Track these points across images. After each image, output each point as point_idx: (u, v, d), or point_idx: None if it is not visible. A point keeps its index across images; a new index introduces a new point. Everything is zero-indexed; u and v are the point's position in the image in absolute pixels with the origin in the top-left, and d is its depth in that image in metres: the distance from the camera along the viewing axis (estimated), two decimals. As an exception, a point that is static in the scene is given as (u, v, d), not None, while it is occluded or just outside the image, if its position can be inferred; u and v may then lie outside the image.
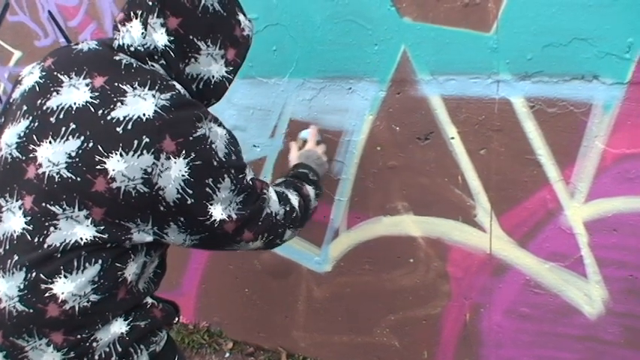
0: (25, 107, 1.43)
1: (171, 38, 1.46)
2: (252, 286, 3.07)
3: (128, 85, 1.37)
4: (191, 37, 1.48)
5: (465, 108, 2.23)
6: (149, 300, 1.51)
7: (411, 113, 2.34)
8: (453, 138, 2.29)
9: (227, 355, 3.20)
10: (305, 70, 2.47)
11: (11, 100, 1.51)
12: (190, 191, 1.37)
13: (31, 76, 1.49)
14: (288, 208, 1.69)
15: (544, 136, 2.13)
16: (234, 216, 1.47)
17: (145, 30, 1.45)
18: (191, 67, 1.52)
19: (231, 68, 1.61)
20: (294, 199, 1.76)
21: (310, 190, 1.90)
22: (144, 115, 1.33)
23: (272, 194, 1.64)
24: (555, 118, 2.10)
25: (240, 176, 1.48)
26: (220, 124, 1.46)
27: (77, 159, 1.32)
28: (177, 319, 1.62)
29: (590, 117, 2.05)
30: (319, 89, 2.47)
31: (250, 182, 1.53)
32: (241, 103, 2.66)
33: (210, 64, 1.54)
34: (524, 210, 2.27)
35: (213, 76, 1.57)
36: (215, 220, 1.43)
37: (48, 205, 1.33)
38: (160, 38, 1.45)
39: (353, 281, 2.76)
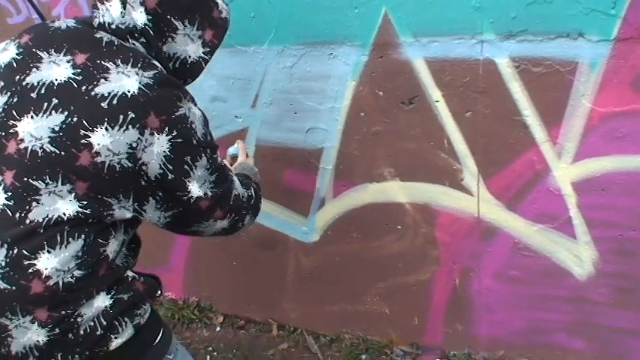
0: (1, 83, 1.42)
1: (150, 17, 1.47)
2: (239, 259, 3.04)
3: (111, 63, 1.38)
4: (169, 16, 1.50)
5: (449, 70, 2.19)
6: (130, 273, 1.51)
7: (395, 77, 2.29)
8: (437, 101, 2.25)
9: (218, 329, 3.18)
10: (284, 37, 2.41)
11: None
12: (170, 167, 1.39)
13: (6, 52, 1.47)
14: (250, 193, 1.74)
15: (530, 97, 2.10)
16: (209, 193, 1.50)
17: (124, 9, 1.46)
18: (168, 46, 1.53)
19: (208, 49, 1.63)
20: (252, 187, 1.80)
21: (256, 187, 1.91)
22: (129, 91, 1.34)
23: (235, 178, 1.68)
24: (541, 77, 2.06)
25: (214, 156, 1.52)
26: (196, 104, 1.48)
27: (61, 133, 1.32)
28: (159, 291, 1.62)
29: (576, 75, 2.01)
30: (300, 56, 2.41)
31: (221, 163, 1.57)
32: (221, 73, 2.60)
33: (186, 44, 1.55)
34: (512, 172, 2.24)
35: (189, 56, 1.58)
36: (192, 196, 1.46)
37: (30, 180, 1.32)
38: (139, 17, 1.46)
39: (341, 250, 2.74)
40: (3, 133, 1.36)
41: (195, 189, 1.46)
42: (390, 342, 2.80)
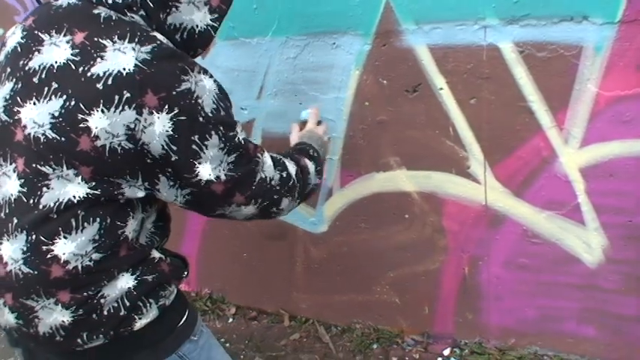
0: (8, 69, 1.40)
1: None
2: (250, 251, 3.04)
3: (108, 40, 1.30)
4: None
5: (452, 57, 2.16)
6: (156, 254, 1.49)
7: (398, 65, 2.27)
8: (441, 89, 2.23)
9: (230, 320, 3.20)
10: (287, 28, 2.40)
11: None
12: (175, 148, 1.31)
13: (14, 36, 1.44)
14: (284, 175, 1.58)
15: (535, 82, 2.07)
16: (223, 177, 1.39)
17: None
18: (173, 17, 1.44)
19: (216, 15, 1.51)
20: (292, 168, 1.64)
21: (309, 164, 1.77)
22: (124, 69, 1.26)
23: (267, 158, 1.54)
24: (545, 62, 2.03)
25: (231, 134, 1.39)
26: (210, 76, 1.37)
27: (60, 119, 1.28)
28: (186, 273, 1.59)
29: (581, 59, 1.98)
30: (303, 46, 2.40)
31: (242, 142, 1.43)
32: (225, 66, 2.59)
33: (192, 13, 1.46)
34: (518, 159, 2.22)
35: (197, 25, 1.48)
36: (201, 179, 1.36)
37: (38, 166, 1.31)
38: None
39: (350, 240, 2.73)
40: (11, 120, 1.35)
41: (205, 171, 1.36)
42: (400, 331, 2.80)
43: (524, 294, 2.42)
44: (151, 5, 1.39)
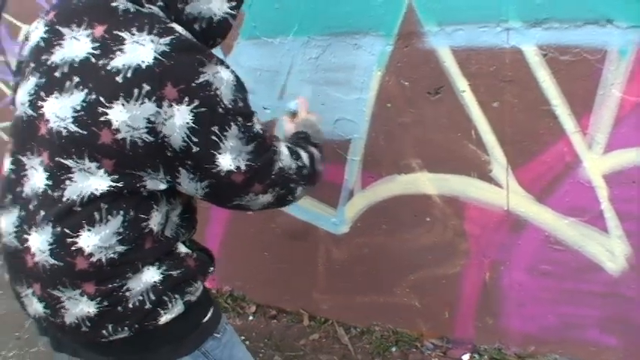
0: (32, 64, 1.42)
1: None
2: (271, 250, 3.05)
3: (127, 32, 1.31)
4: None
5: (475, 59, 2.14)
6: (182, 249, 1.49)
7: (420, 67, 2.25)
8: (464, 91, 2.21)
9: (250, 318, 3.21)
10: (309, 28, 2.40)
11: (22, 58, 1.50)
12: (196, 139, 1.32)
13: (37, 31, 1.46)
14: (300, 164, 1.61)
15: (558, 86, 2.04)
16: (243, 167, 1.40)
17: None
18: (191, 7, 1.45)
19: (234, 3, 1.52)
20: (304, 155, 1.67)
21: (315, 151, 1.78)
22: (143, 62, 1.27)
23: (283, 148, 1.55)
24: (569, 66, 1.99)
25: (249, 124, 1.40)
26: (227, 67, 1.38)
27: (82, 112, 1.30)
28: (212, 268, 1.59)
29: (605, 64, 1.94)
30: (325, 47, 2.40)
31: (260, 131, 1.44)
32: (248, 65, 2.60)
33: (210, 2, 1.47)
34: (541, 164, 2.18)
35: (215, 14, 1.49)
36: (222, 169, 1.37)
37: (61, 160, 1.33)
38: None
39: (371, 242, 2.72)
40: (35, 115, 1.37)
41: (225, 162, 1.37)
42: (420, 335, 2.77)
43: (545, 301, 2.38)
44: None
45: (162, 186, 1.38)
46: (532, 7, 1.96)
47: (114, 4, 1.37)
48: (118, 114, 1.27)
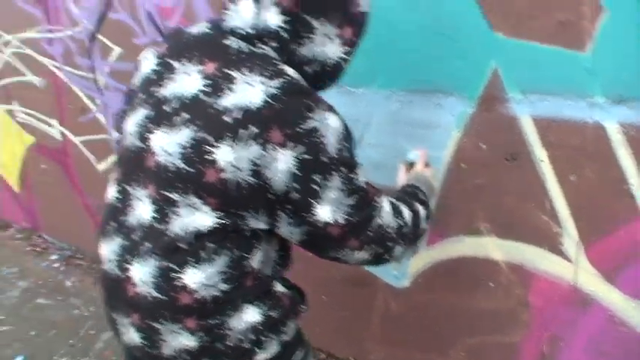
0: (142, 95, 1.45)
1: (284, 18, 1.37)
2: (329, 294, 3.06)
3: (237, 72, 1.32)
4: (305, 15, 1.39)
5: (556, 130, 2.12)
6: (279, 288, 1.49)
7: (500, 132, 2.25)
8: (542, 161, 2.19)
9: (301, 360, 3.21)
10: (393, 82, 2.44)
11: (133, 87, 1.55)
12: (297, 186, 1.31)
13: (147, 62, 1.50)
14: (401, 222, 1.54)
15: (638, 166, 2.00)
16: (341, 221, 1.36)
17: (257, 10, 1.38)
18: (305, 49, 1.43)
19: (348, 48, 1.49)
20: (407, 213, 1.59)
21: (421, 209, 1.68)
22: (252, 103, 1.28)
23: (385, 204, 1.49)
24: (650, 146, 1.96)
25: (352, 176, 1.37)
26: (336, 114, 1.37)
27: (190, 149, 1.31)
28: (304, 307, 1.57)
29: (690, 148, 1.90)
30: (407, 102, 2.43)
31: (363, 185, 1.41)
32: (330, 111, 2.66)
33: (325, 45, 1.43)
34: (614, 242, 2.13)
35: (329, 58, 1.46)
36: (319, 219, 1.35)
37: (168, 193, 1.34)
38: (272, 18, 1.37)
39: (430, 299, 2.70)
40: (143, 146, 1.39)
41: (324, 213, 1.34)
42: (469, 400, 2.72)
43: (605, 383, 2.31)
44: (285, 37, 1.39)
45: (263, 226, 1.38)
46: (618, 85, 1.94)
47: (226, 41, 1.39)
48: (225, 154, 1.28)
